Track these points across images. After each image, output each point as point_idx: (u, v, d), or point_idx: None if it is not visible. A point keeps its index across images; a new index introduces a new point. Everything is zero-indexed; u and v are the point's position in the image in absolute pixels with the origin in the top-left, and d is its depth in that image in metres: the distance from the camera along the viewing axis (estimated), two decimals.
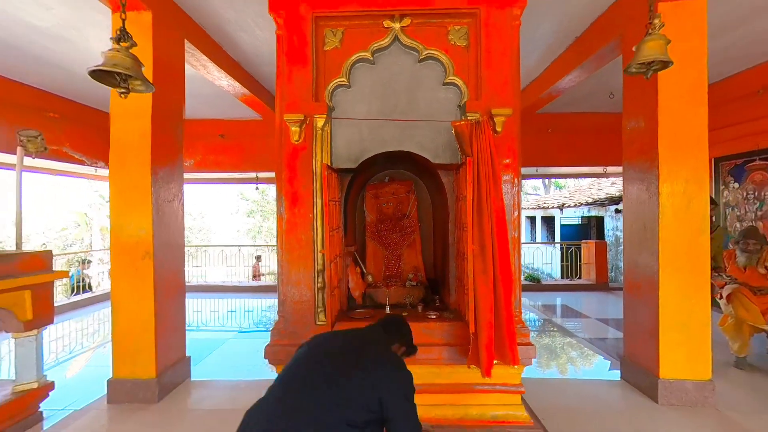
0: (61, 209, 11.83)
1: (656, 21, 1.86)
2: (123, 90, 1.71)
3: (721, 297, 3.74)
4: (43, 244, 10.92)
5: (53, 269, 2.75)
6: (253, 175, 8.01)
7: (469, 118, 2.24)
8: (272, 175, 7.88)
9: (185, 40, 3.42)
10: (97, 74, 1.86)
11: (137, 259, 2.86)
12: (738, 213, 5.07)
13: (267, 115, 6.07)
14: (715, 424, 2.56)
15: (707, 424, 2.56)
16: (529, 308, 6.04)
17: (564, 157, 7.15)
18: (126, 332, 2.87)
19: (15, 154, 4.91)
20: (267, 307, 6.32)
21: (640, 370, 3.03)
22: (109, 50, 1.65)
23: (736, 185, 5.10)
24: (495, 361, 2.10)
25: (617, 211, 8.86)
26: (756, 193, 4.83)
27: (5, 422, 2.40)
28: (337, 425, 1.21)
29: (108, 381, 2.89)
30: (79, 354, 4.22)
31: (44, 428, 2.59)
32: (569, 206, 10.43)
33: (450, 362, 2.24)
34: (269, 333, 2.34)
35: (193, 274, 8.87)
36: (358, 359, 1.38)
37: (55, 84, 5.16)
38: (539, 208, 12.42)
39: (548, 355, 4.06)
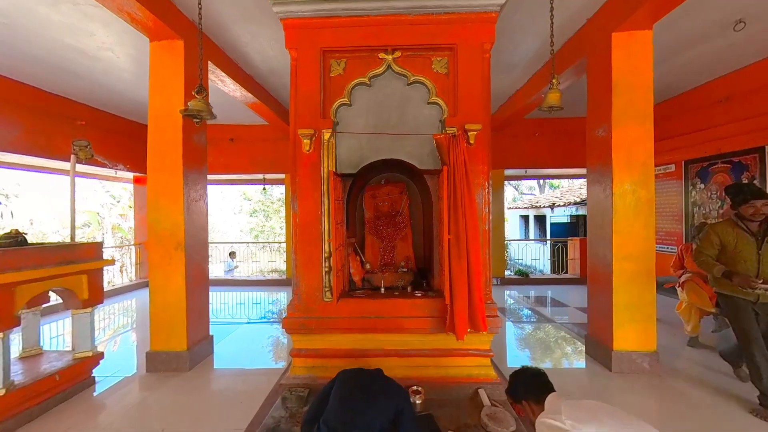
0: (78, 210, 12.38)
1: (554, 81, 2.35)
2: (197, 120, 2.18)
3: (679, 285, 4.25)
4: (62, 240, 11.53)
5: (102, 258, 3.27)
6: (259, 176, 8.51)
7: (448, 131, 2.75)
8: (279, 176, 8.43)
9: (209, 61, 3.94)
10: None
11: (171, 249, 3.38)
12: (704, 211, 5.57)
13: (273, 120, 6.54)
14: (655, 387, 3.07)
15: (649, 386, 3.07)
16: (519, 300, 6.54)
17: (551, 159, 7.64)
18: (162, 311, 3.39)
19: (49, 158, 5.48)
20: (272, 300, 6.82)
21: (598, 345, 3.54)
22: (193, 100, 2.12)
23: (702, 186, 5.60)
24: (469, 330, 2.62)
25: None
26: (718, 193, 5.33)
27: (68, 383, 2.93)
28: (376, 428, 1.83)
29: (146, 353, 3.42)
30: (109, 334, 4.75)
31: (96, 391, 3.11)
32: (559, 206, 10.93)
33: (433, 331, 2.75)
34: (276, 323, 2.85)
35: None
36: (375, 389, 1.99)
37: (83, 94, 5.69)
38: (532, 207, 12.94)
39: (528, 337, 4.58)
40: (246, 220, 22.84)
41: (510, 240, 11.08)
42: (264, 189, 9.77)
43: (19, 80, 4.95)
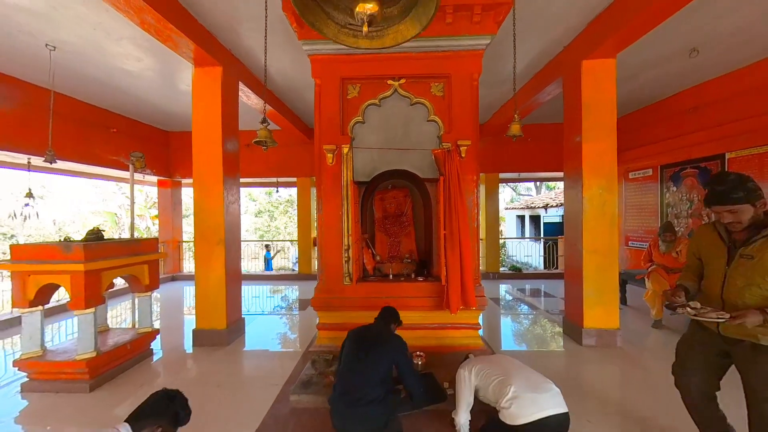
0: (94, 211, 13.06)
1: (516, 115, 2.96)
2: (264, 146, 2.70)
3: (647, 276, 4.88)
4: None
5: (158, 251, 3.92)
6: (272, 179, 9.15)
7: (444, 146, 3.39)
8: (290, 179, 9.06)
9: (239, 82, 4.59)
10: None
11: (214, 244, 4.04)
12: (676, 212, 6.21)
13: (286, 126, 7.09)
14: (615, 356, 3.71)
15: (611, 356, 3.71)
16: (512, 292, 7.18)
17: (543, 163, 8.24)
18: (206, 296, 4.05)
19: (87, 163, 6.14)
20: (282, 294, 7.47)
21: (572, 324, 4.18)
22: (260, 129, 2.62)
23: (675, 189, 6.23)
24: (461, 308, 3.26)
25: None
26: (688, 195, 5.96)
27: (133, 353, 3.58)
28: (375, 379, 2.16)
29: (193, 330, 4.07)
30: None
31: (153, 360, 3.77)
32: (552, 206, 11.57)
33: (433, 309, 3.39)
34: (285, 316, 3.49)
35: None
36: (374, 343, 2.31)
37: (118, 105, 6.35)
38: (527, 208, 13.58)
39: (517, 322, 5.23)
40: (251, 221, 23.47)
41: (505, 238, 11.69)
42: (278, 191, 10.40)
43: (71, 96, 5.63)
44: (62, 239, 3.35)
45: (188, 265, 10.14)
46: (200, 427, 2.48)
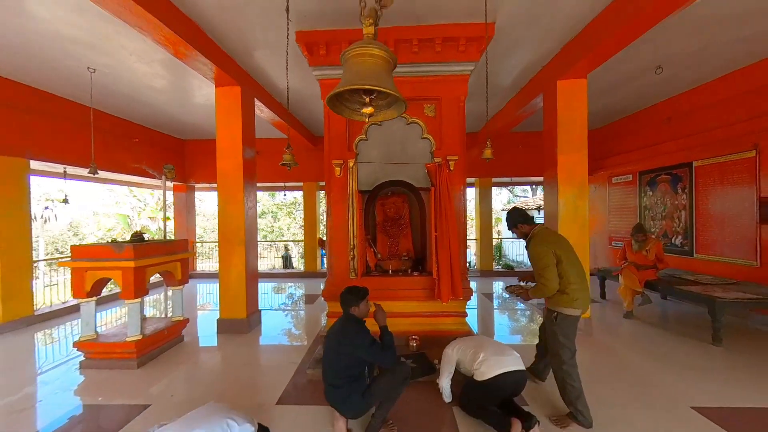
0: (107, 213, 13.68)
1: (488, 142, 3.51)
2: (289, 167, 3.22)
3: (620, 272, 5.44)
4: (99, 239, 12.83)
5: (188, 250, 4.50)
6: (280, 184, 9.72)
7: (435, 161, 3.96)
8: (297, 184, 9.63)
9: (255, 99, 5.17)
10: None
11: (235, 245, 4.61)
12: (652, 214, 6.76)
13: (293, 134, 7.63)
14: (588, 343, 4.26)
15: (584, 342, 4.26)
16: (503, 288, 7.74)
17: (533, 169, 8.77)
18: (228, 289, 4.63)
19: (111, 171, 6.70)
20: (286, 293, 8.05)
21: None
22: (285, 154, 3.09)
23: (651, 193, 6.79)
24: (451, 298, 3.82)
25: None
26: (662, 199, 6.52)
27: (168, 338, 4.15)
28: (343, 369, 2.35)
29: (217, 320, 4.65)
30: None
31: (185, 345, 4.34)
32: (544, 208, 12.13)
33: (426, 299, 3.96)
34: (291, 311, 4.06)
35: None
36: (336, 341, 2.41)
37: (140, 117, 6.93)
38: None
39: (506, 312, 5.79)
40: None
41: (500, 238, 12.24)
42: (285, 195, 10.97)
43: (102, 110, 6.22)
44: (110, 240, 3.92)
45: (200, 264, 10.73)
46: (238, 393, 3.06)
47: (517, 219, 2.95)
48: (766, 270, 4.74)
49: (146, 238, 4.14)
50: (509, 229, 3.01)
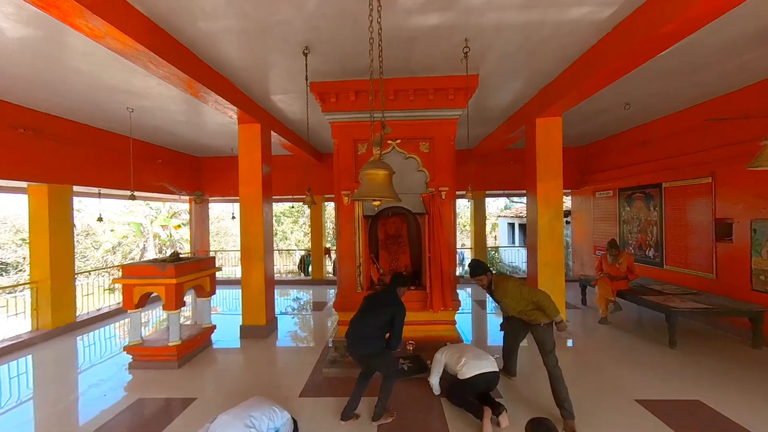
0: (122, 222, 14.41)
1: (469, 186, 4.19)
2: (308, 206, 3.96)
3: (596, 282, 6.10)
4: (114, 246, 13.62)
5: (215, 266, 5.18)
6: (289, 196, 10.39)
7: (429, 191, 4.63)
8: (301, 196, 10.30)
9: (271, 131, 5.86)
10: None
11: (255, 258, 5.30)
12: (629, 228, 7.42)
13: (296, 152, 8.27)
14: (565, 345, 4.92)
15: (561, 344, 4.92)
16: None
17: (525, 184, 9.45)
18: (250, 298, 5.31)
19: (141, 191, 7.36)
20: (293, 297, 8.72)
21: None
22: (306, 197, 3.73)
23: (628, 209, 7.45)
24: (442, 308, 4.49)
25: (567, 222, 11.22)
26: (638, 215, 7.18)
27: (199, 344, 4.83)
28: (374, 329, 3.17)
29: (240, 326, 5.34)
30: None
31: (214, 348, 5.02)
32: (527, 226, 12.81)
33: (421, 309, 4.62)
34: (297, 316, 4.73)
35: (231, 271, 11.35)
36: (380, 303, 3.43)
37: (164, 142, 7.64)
38: (517, 216, 14.80)
39: (496, 320, 6.46)
40: None
41: (497, 247, 12.89)
42: (292, 206, 11.63)
43: (136, 138, 6.93)
44: (153, 260, 4.60)
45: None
46: (266, 388, 3.74)
47: (479, 271, 3.54)
48: (721, 282, 5.40)
49: (181, 256, 4.82)
50: (472, 277, 3.59)
